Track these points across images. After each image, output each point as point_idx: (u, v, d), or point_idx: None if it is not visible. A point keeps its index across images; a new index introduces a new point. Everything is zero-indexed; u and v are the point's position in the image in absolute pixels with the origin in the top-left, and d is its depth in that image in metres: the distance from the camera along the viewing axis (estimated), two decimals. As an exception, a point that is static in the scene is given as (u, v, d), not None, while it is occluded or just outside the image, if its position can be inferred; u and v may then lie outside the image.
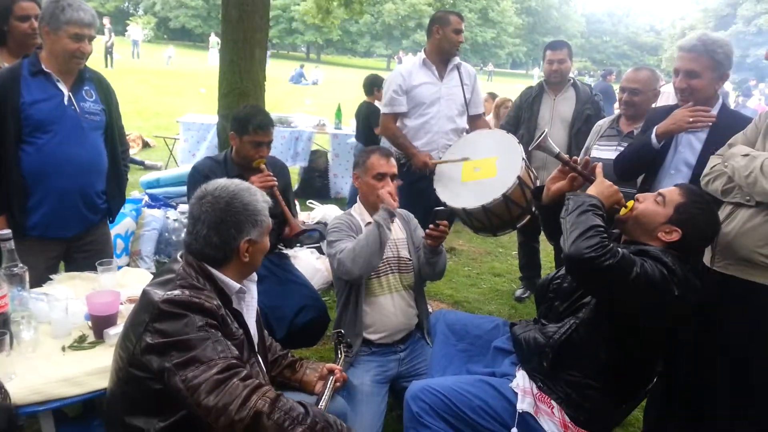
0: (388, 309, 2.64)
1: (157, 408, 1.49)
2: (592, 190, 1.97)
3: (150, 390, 1.47)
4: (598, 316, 1.90)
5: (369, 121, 6.06)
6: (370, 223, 2.69)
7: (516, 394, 1.99)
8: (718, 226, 2.01)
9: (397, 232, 2.73)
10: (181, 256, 1.67)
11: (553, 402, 1.95)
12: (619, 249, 1.76)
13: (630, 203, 2.01)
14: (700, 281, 1.88)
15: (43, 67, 2.45)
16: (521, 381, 2.03)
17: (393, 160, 2.71)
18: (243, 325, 1.68)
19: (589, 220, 1.80)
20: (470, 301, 4.46)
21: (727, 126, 2.39)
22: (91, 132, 2.58)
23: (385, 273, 2.65)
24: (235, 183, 1.70)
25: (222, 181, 1.70)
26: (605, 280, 1.74)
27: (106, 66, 21.54)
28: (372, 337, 2.63)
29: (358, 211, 2.76)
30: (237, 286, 1.68)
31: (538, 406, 1.95)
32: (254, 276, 1.85)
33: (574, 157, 2.18)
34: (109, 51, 22.40)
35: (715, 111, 2.48)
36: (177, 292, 1.51)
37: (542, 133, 2.13)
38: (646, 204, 1.98)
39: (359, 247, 2.43)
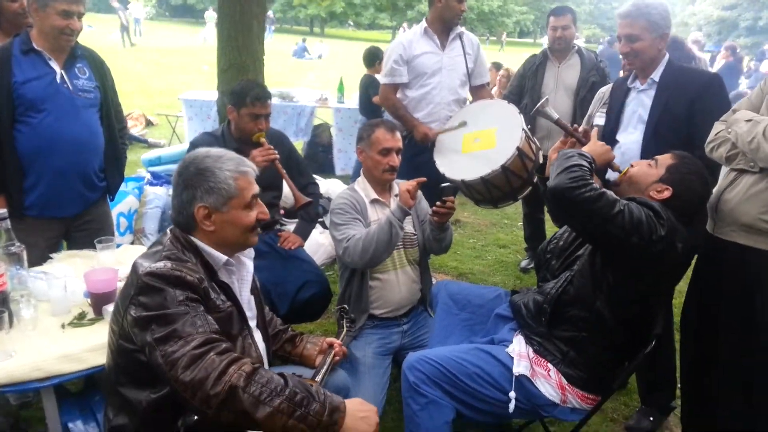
0: (393, 285, 2.63)
1: (148, 380, 1.49)
2: (585, 149, 2.04)
3: (139, 362, 1.48)
4: (593, 264, 1.93)
5: (369, 94, 5.99)
6: (375, 200, 2.67)
7: (512, 359, 2.00)
8: (709, 188, 2.05)
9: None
10: (170, 229, 1.67)
11: (549, 365, 1.97)
12: (604, 189, 1.80)
13: (625, 169, 2.09)
14: (695, 239, 1.90)
15: (34, 45, 2.43)
16: (517, 346, 2.05)
17: (398, 134, 2.65)
18: (232, 297, 1.67)
19: (573, 160, 1.85)
20: (475, 273, 4.46)
21: (673, 80, 2.51)
22: (85, 109, 2.56)
23: None
24: (206, 150, 1.69)
25: (198, 149, 1.70)
26: (586, 213, 1.76)
27: (131, 44, 21.87)
28: (376, 312, 2.63)
29: (362, 186, 2.70)
30: (223, 258, 1.66)
31: (534, 369, 1.97)
32: (250, 252, 1.83)
33: (575, 125, 2.20)
34: (125, 29, 22.45)
35: (661, 68, 2.57)
36: (160, 264, 1.51)
37: (543, 99, 2.21)
38: (639, 167, 2.06)
39: (368, 241, 2.38)
